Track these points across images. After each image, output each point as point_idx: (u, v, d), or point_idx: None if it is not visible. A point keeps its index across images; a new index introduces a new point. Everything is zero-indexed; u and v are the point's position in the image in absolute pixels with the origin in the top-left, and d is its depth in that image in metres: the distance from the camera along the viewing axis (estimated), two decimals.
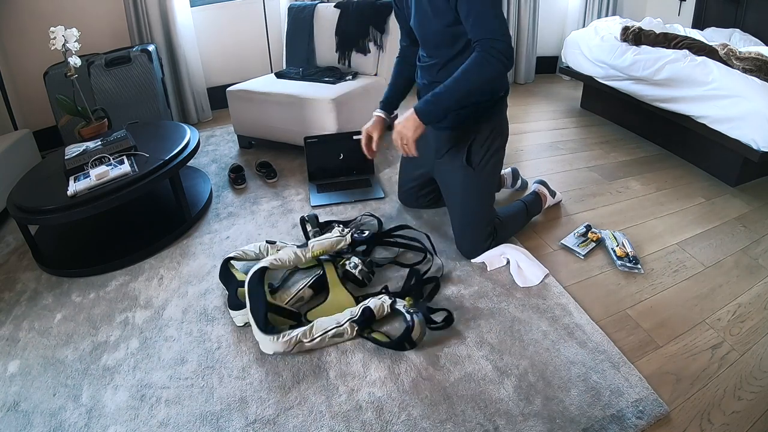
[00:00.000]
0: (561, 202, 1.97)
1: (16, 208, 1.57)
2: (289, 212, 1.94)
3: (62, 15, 2.52)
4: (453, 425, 1.07)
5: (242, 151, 2.57)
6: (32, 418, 1.12)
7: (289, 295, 1.41)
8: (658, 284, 1.51)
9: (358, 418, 1.09)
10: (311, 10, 2.65)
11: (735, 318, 1.38)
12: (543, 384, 1.16)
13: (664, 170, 2.27)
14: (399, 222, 1.81)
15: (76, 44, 1.99)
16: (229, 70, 3.12)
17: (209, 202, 2.03)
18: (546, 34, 3.68)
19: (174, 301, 1.48)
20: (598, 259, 1.63)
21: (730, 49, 2.13)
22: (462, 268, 1.57)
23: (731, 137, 1.99)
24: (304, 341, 1.22)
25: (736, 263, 1.61)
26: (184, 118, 3.00)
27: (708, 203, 1.98)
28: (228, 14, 3.06)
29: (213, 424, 1.09)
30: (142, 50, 2.50)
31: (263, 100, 2.33)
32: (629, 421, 1.06)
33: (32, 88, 2.55)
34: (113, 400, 1.16)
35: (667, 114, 2.30)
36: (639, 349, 1.27)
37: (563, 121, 2.93)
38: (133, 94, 2.53)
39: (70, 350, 1.32)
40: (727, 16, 3.01)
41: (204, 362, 1.25)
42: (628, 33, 2.51)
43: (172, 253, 1.72)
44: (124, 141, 1.81)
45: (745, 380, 1.18)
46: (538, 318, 1.36)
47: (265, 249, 1.53)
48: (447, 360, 1.24)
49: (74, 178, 1.62)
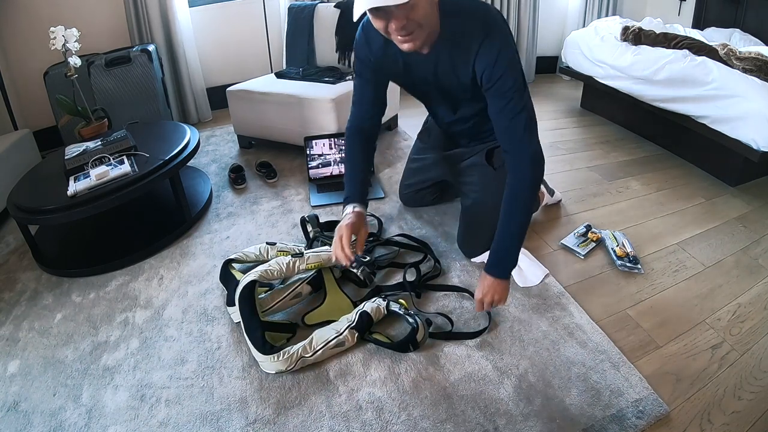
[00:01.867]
0: (561, 202, 1.97)
1: (16, 208, 1.57)
2: (289, 212, 1.94)
3: (62, 15, 2.52)
4: (453, 425, 1.07)
5: (242, 151, 2.57)
6: (32, 418, 1.12)
7: (287, 290, 1.40)
8: (658, 284, 1.51)
9: (358, 418, 1.09)
10: (311, 10, 2.65)
11: (735, 318, 1.38)
12: (543, 384, 1.16)
13: (664, 170, 2.27)
14: (399, 222, 1.82)
15: (76, 44, 1.99)
16: (229, 70, 3.12)
17: (209, 202, 2.02)
18: (546, 34, 3.68)
19: (174, 301, 1.48)
20: (598, 259, 1.63)
21: (730, 49, 2.13)
22: (462, 268, 1.57)
23: (731, 137, 1.99)
24: (305, 356, 1.20)
25: (736, 263, 1.61)
26: (184, 118, 3.00)
27: (708, 203, 1.98)
28: (228, 14, 3.05)
29: (213, 424, 1.09)
30: (142, 50, 2.50)
31: (263, 100, 2.33)
32: (629, 421, 1.06)
33: (32, 88, 2.55)
34: (113, 400, 1.16)
35: (667, 114, 2.29)
36: (639, 349, 1.27)
37: (563, 121, 2.93)
38: (133, 94, 2.52)
39: (70, 350, 1.32)
40: (727, 16, 3.01)
41: (204, 362, 1.25)
42: (628, 33, 2.51)
43: (172, 253, 1.71)
44: (124, 141, 1.81)
45: (745, 380, 1.18)
46: (538, 318, 1.36)
47: (265, 250, 1.53)
48: (447, 360, 1.24)
49: (74, 178, 1.62)
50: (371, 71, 1.34)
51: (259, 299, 1.33)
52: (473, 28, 1.13)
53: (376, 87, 1.38)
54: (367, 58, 1.32)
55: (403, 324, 1.32)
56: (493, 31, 1.12)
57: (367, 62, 1.32)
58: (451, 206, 1.89)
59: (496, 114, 1.18)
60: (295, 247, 1.57)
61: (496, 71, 1.13)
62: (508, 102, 1.14)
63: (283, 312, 1.40)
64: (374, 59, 1.30)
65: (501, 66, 1.12)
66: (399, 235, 1.72)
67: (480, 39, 1.12)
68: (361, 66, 1.35)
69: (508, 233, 1.20)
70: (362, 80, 1.37)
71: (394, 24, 1.02)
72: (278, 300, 1.37)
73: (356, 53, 1.35)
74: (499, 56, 1.12)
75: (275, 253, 1.51)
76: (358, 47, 1.33)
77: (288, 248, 1.55)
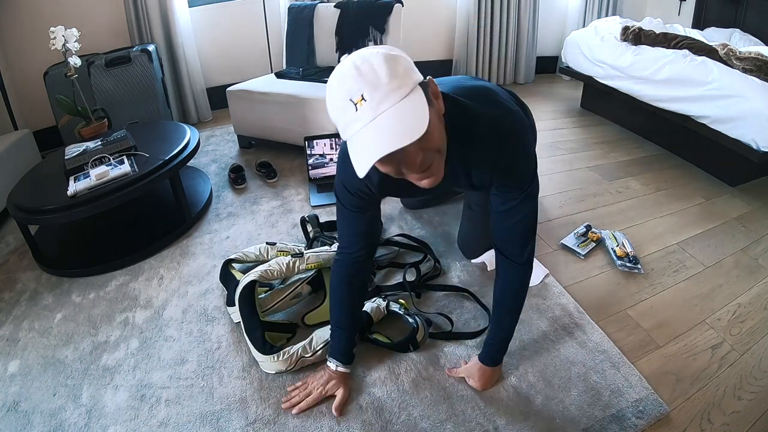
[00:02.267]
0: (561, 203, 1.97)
1: (16, 208, 1.57)
2: (289, 212, 1.94)
3: (62, 15, 2.52)
4: (453, 425, 1.07)
5: (242, 151, 2.56)
6: (32, 418, 1.12)
7: (287, 290, 1.40)
8: (658, 284, 1.51)
9: (358, 418, 1.09)
10: (311, 10, 2.64)
11: (735, 318, 1.38)
12: (543, 384, 1.16)
13: (664, 170, 2.27)
14: (399, 222, 1.81)
15: (76, 44, 1.99)
16: (228, 70, 3.12)
17: (209, 202, 2.02)
18: (546, 34, 3.68)
19: (174, 301, 1.48)
20: (598, 259, 1.63)
21: (730, 49, 2.13)
22: (462, 268, 1.57)
23: (731, 137, 1.99)
24: (305, 356, 1.20)
25: (736, 263, 1.61)
26: (184, 118, 3.00)
27: (708, 203, 1.98)
28: (228, 14, 3.05)
29: (213, 424, 1.09)
30: (142, 50, 2.50)
31: (263, 100, 2.33)
32: (629, 421, 1.06)
33: (32, 88, 2.55)
34: (113, 400, 1.16)
35: (667, 114, 2.29)
36: (639, 349, 1.27)
37: (563, 121, 2.93)
38: (133, 94, 2.52)
39: (70, 350, 1.32)
40: (727, 16, 3.01)
41: (204, 362, 1.25)
42: (628, 33, 2.51)
43: (172, 253, 1.71)
44: (124, 141, 1.81)
45: (745, 380, 1.18)
46: (538, 318, 1.36)
47: (265, 250, 1.53)
48: (447, 360, 1.24)
49: (74, 178, 1.62)
50: (368, 203, 1.06)
51: (259, 299, 1.33)
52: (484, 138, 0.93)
53: (371, 217, 1.11)
54: (363, 192, 1.02)
55: (403, 324, 1.32)
56: (506, 142, 0.93)
57: (364, 196, 1.03)
58: (452, 206, 1.89)
59: (497, 212, 1.03)
60: (295, 247, 1.57)
61: (511, 183, 0.98)
62: (512, 207, 0.99)
63: (283, 312, 1.40)
64: (376, 190, 1.02)
65: (514, 178, 0.97)
66: (399, 235, 1.72)
67: (495, 154, 0.94)
68: (352, 200, 1.04)
69: (501, 329, 1.13)
70: (353, 213, 1.07)
71: (409, 163, 0.77)
72: (278, 300, 1.37)
73: (346, 189, 1.03)
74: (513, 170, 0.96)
75: (275, 253, 1.51)
76: (350, 183, 1.01)
77: (288, 248, 1.54)
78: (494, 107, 0.96)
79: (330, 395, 1.13)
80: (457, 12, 3.41)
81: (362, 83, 0.70)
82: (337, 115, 0.74)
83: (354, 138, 0.73)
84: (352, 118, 0.71)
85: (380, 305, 1.32)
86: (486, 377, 1.15)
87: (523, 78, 3.67)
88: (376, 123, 0.70)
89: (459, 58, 3.53)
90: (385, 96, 0.70)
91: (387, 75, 0.70)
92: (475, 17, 3.35)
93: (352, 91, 0.71)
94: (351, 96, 0.71)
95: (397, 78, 0.71)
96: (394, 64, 0.72)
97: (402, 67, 0.73)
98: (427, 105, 0.73)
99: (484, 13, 3.35)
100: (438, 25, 3.52)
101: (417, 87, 0.74)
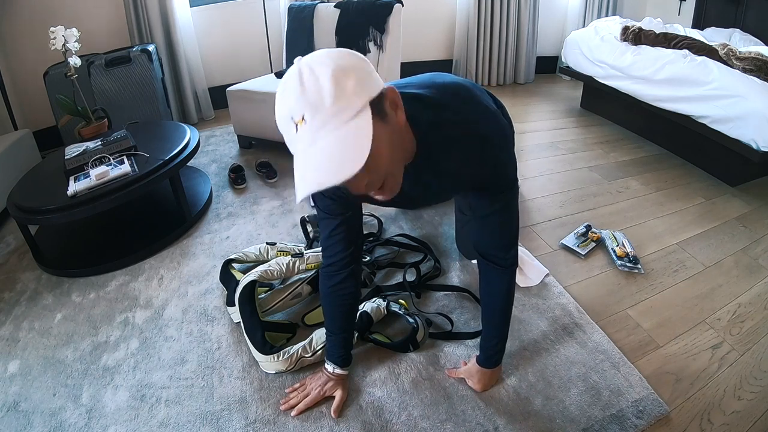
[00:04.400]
0: (561, 203, 1.97)
1: (16, 208, 1.57)
2: (289, 212, 1.94)
3: (62, 15, 2.52)
4: (453, 425, 1.07)
5: (242, 151, 2.56)
6: (32, 418, 1.12)
7: (287, 290, 1.40)
8: (658, 284, 1.51)
9: (358, 418, 1.09)
10: (311, 10, 2.64)
11: (735, 318, 1.38)
12: (543, 384, 1.16)
13: (664, 170, 2.27)
14: (399, 222, 1.81)
15: (76, 44, 1.99)
16: (229, 70, 3.12)
17: (209, 202, 2.02)
18: (546, 34, 3.68)
19: (174, 301, 1.48)
20: (598, 259, 1.63)
21: (730, 49, 2.13)
22: (462, 268, 1.57)
23: (731, 137, 1.99)
24: (305, 356, 1.20)
25: (736, 263, 1.61)
26: (184, 118, 3.00)
27: (708, 203, 1.98)
28: (228, 14, 3.05)
29: (213, 424, 1.09)
30: (142, 50, 2.50)
31: (263, 100, 2.32)
32: (629, 421, 1.06)
33: (32, 88, 2.55)
34: (113, 400, 1.16)
35: (667, 114, 2.29)
36: (639, 349, 1.27)
37: (563, 121, 2.93)
38: (133, 94, 2.52)
39: (70, 350, 1.32)
40: (727, 16, 3.01)
41: (204, 362, 1.25)
42: (628, 33, 2.51)
43: (172, 253, 1.71)
44: (124, 141, 1.81)
45: (745, 380, 1.18)
46: (538, 318, 1.36)
47: (265, 250, 1.53)
48: (447, 360, 1.24)
49: (74, 178, 1.62)
50: (346, 206, 1.02)
51: (259, 299, 1.33)
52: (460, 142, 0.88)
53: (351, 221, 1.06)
54: (337, 195, 0.99)
55: (403, 324, 1.32)
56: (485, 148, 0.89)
57: (338, 199, 1.00)
58: (452, 206, 1.89)
59: (480, 217, 1.01)
60: (295, 247, 1.57)
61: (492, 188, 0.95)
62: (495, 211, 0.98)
63: (283, 312, 1.40)
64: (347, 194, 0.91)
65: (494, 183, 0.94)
66: (399, 235, 1.72)
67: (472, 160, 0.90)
68: (330, 205, 1.01)
69: (494, 334, 1.12)
70: (333, 219, 1.03)
71: (353, 187, 0.74)
72: (278, 300, 1.37)
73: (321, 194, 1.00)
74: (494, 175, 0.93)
75: (275, 253, 1.51)
76: None
77: (288, 248, 1.54)
78: (471, 108, 0.91)
79: (328, 396, 1.13)
80: (457, 12, 3.41)
81: (303, 103, 0.66)
82: (281, 127, 0.70)
83: (296, 158, 0.70)
84: (292, 138, 0.69)
85: (380, 305, 1.32)
86: (485, 379, 1.15)
87: (523, 78, 3.67)
88: (315, 150, 0.66)
89: (459, 58, 3.54)
90: (326, 121, 0.65)
91: (331, 96, 0.65)
92: (475, 17, 3.35)
93: (293, 110, 0.67)
94: (292, 114, 0.67)
95: (343, 98, 0.66)
96: (343, 79, 0.66)
97: (352, 84, 0.67)
98: (378, 125, 0.68)
99: (484, 13, 3.35)
100: (438, 25, 3.52)
101: (365, 108, 0.67)
